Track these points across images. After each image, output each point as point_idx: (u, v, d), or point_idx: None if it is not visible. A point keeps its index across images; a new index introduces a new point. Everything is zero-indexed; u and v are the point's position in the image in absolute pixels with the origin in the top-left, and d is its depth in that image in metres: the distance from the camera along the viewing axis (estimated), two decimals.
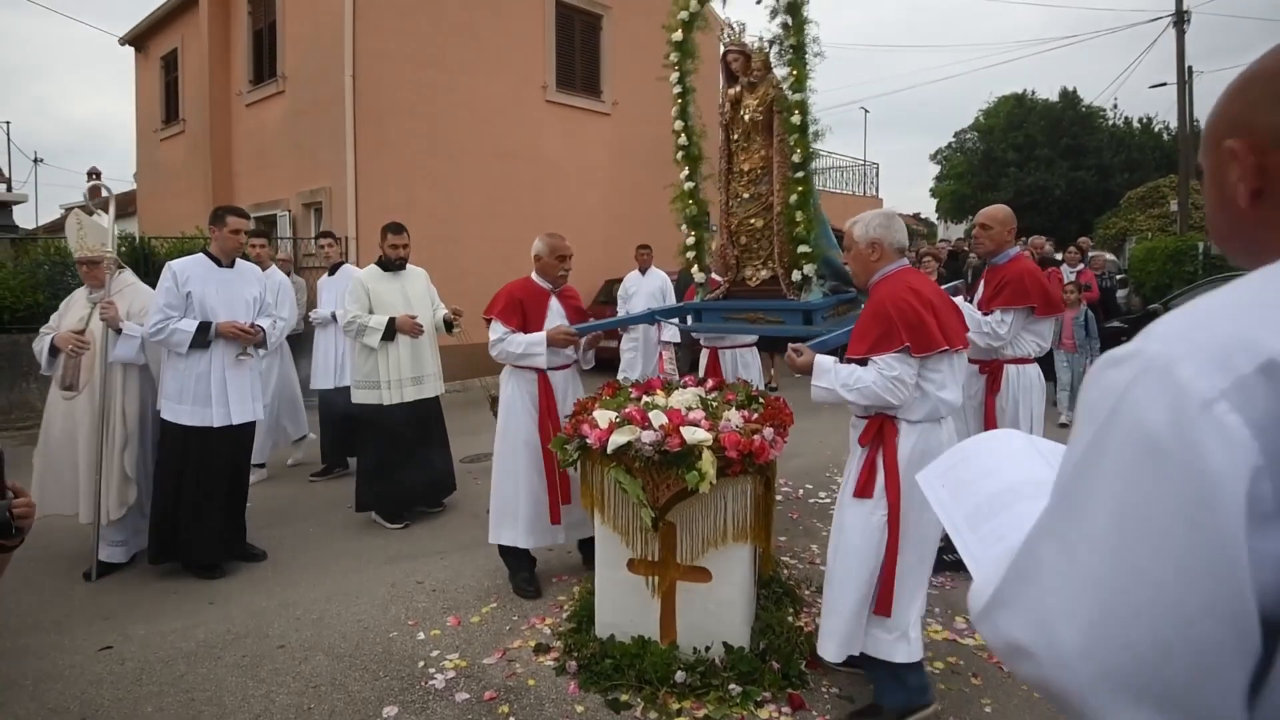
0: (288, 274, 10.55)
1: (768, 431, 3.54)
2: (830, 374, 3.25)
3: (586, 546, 4.81)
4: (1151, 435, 0.74)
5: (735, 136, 4.69)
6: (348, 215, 11.97)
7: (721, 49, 4.76)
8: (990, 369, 4.76)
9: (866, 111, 36.95)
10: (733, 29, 4.66)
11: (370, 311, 5.85)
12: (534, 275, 4.79)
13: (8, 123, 34.53)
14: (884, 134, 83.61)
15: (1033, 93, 35.16)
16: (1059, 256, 12.24)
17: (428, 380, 6.01)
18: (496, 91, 13.64)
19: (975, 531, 1.23)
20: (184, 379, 4.91)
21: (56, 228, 27.43)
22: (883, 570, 3.21)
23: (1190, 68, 19.91)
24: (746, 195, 4.66)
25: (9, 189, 22.45)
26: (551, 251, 4.71)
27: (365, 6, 12.06)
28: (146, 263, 10.72)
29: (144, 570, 5.03)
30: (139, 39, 19.04)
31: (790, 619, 3.99)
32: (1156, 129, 35.02)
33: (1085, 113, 34.02)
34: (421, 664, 3.86)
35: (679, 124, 4.83)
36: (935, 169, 40.88)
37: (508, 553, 4.75)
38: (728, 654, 3.57)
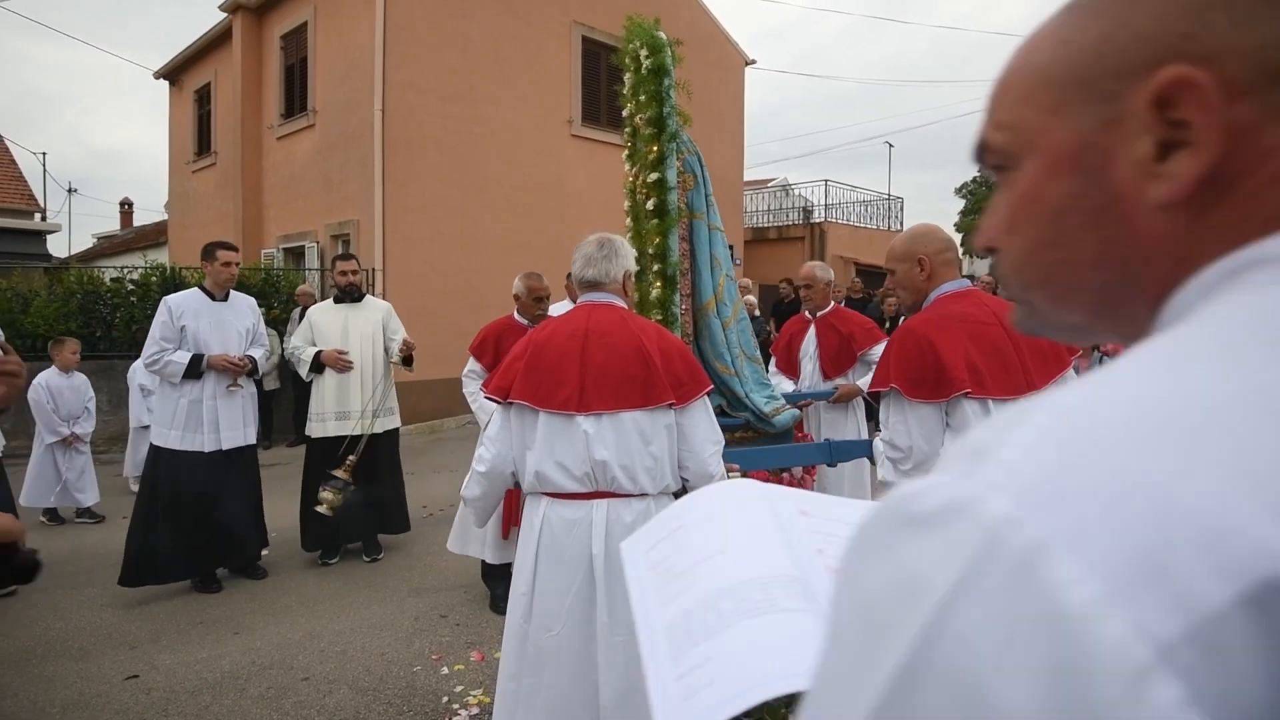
0: (309, 305, 10.68)
1: (796, 470, 3.52)
2: None
3: None
4: None
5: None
6: (375, 247, 12.08)
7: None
8: None
9: (891, 146, 36.95)
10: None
11: (313, 344, 5.82)
12: (515, 313, 5.11)
13: (44, 154, 35.18)
14: (909, 168, 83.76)
15: None
16: None
17: (353, 416, 5.74)
18: (522, 125, 13.80)
19: (677, 661, 0.83)
20: (176, 406, 5.17)
21: (89, 256, 27.91)
22: None
23: None
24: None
25: (44, 218, 22.91)
26: (529, 292, 5.04)
27: (394, 42, 12.27)
28: (177, 291, 10.86)
29: (169, 600, 5.05)
30: (173, 73, 19.42)
31: None
32: None
33: None
34: (445, 699, 3.83)
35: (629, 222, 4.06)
36: (960, 203, 40.85)
37: (488, 572, 4.91)
38: None
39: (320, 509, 5.25)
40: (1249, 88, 0.48)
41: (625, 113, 4.00)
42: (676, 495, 2.76)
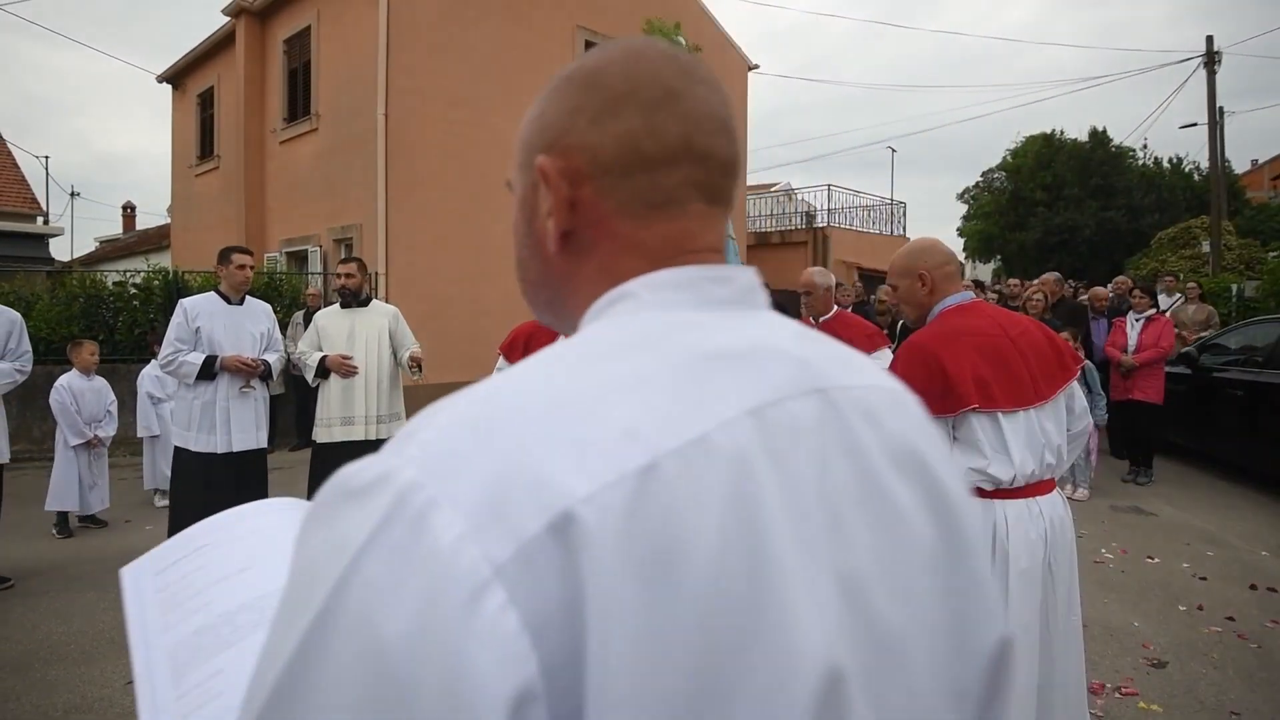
0: (317, 308, 10.69)
1: None
2: None
3: None
4: (391, 657, 0.46)
5: None
6: (378, 251, 12.10)
7: None
8: None
9: (894, 151, 37.03)
10: None
11: (319, 349, 5.74)
12: None
13: (46, 157, 35.28)
14: (912, 173, 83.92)
15: (1061, 132, 35.12)
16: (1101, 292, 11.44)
17: (359, 422, 5.70)
18: None
19: (179, 682, 0.80)
20: (191, 408, 5.23)
21: (92, 260, 27.96)
22: None
23: (1221, 108, 19.85)
24: None
25: (46, 222, 22.97)
26: None
27: (398, 46, 12.30)
28: (180, 295, 10.86)
29: None
30: (176, 77, 19.49)
31: None
32: (1187, 169, 34.86)
33: (1114, 152, 33.90)
34: None
35: None
36: (963, 208, 40.85)
37: None
38: None
39: None
40: (591, 174, 0.69)
41: None
42: None
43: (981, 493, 2.55)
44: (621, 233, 0.70)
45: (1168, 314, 9.70)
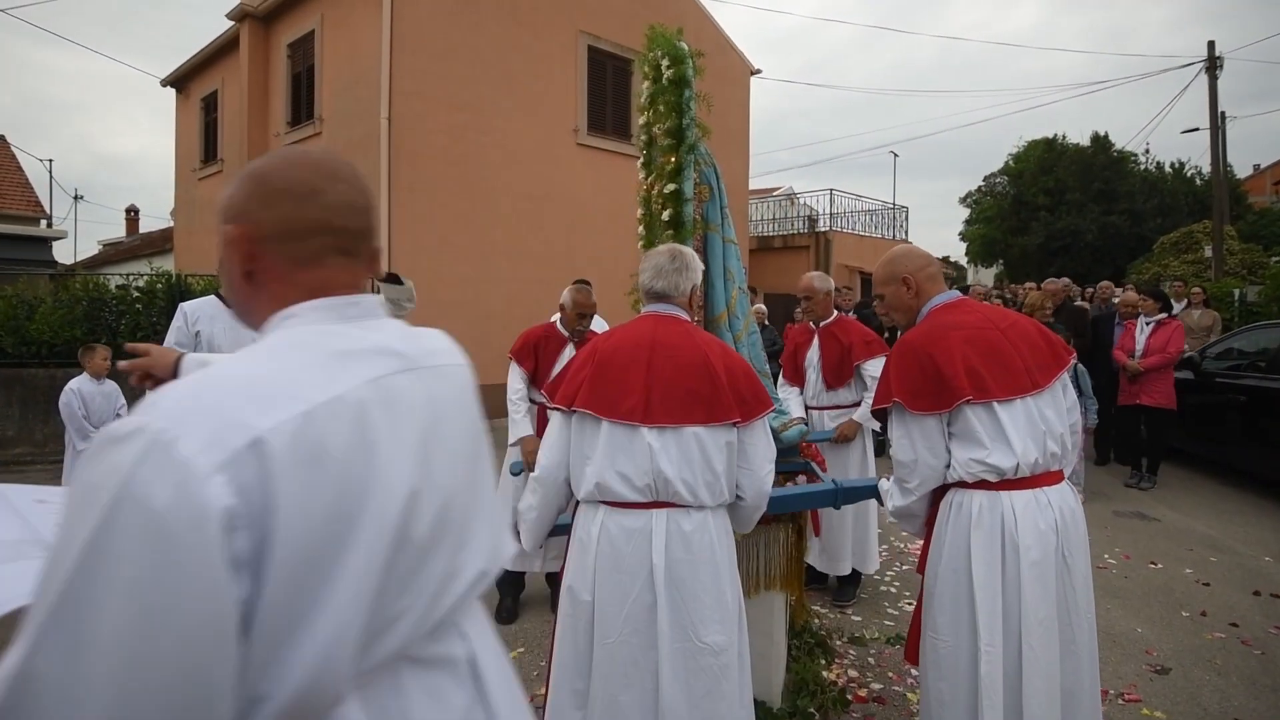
0: None
1: (800, 479, 3.49)
2: None
3: (553, 580, 4.84)
4: (159, 516, 0.79)
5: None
6: (381, 255, 12.06)
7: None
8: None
9: (896, 155, 37.00)
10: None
11: None
12: (558, 322, 4.97)
13: (50, 160, 35.21)
14: (914, 177, 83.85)
15: (1063, 137, 35.09)
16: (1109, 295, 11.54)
17: None
18: (529, 134, 13.82)
19: None
20: None
21: (95, 263, 27.98)
22: None
23: (1223, 113, 19.83)
24: None
25: (49, 225, 23.00)
26: (575, 306, 4.84)
27: (401, 51, 12.30)
28: (183, 299, 10.83)
29: None
30: (180, 81, 19.51)
31: (823, 672, 3.91)
32: (1189, 173, 34.81)
33: (1117, 157, 33.85)
34: None
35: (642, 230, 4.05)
36: (965, 212, 40.83)
37: (500, 579, 4.76)
38: (757, 711, 3.49)
39: None
40: (261, 239, 1.12)
41: (641, 122, 3.99)
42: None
43: (987, 485, 2.55)
44: (284, 276, 1.13)
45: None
